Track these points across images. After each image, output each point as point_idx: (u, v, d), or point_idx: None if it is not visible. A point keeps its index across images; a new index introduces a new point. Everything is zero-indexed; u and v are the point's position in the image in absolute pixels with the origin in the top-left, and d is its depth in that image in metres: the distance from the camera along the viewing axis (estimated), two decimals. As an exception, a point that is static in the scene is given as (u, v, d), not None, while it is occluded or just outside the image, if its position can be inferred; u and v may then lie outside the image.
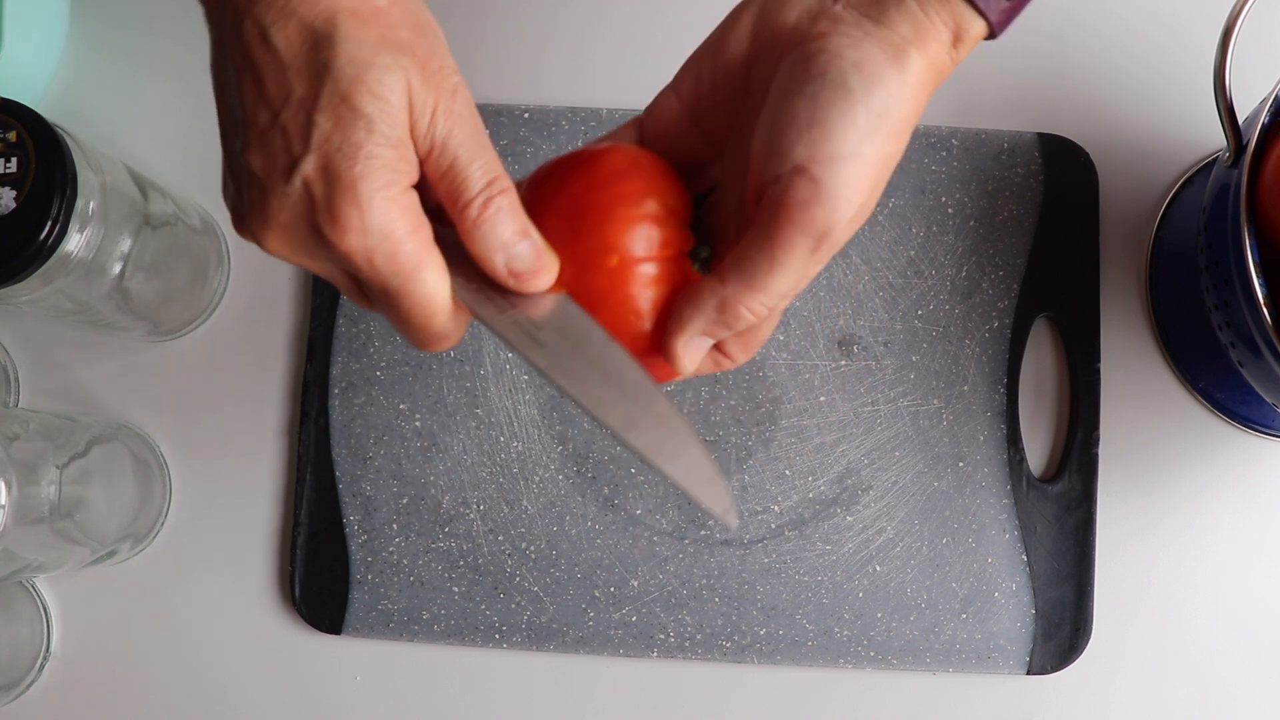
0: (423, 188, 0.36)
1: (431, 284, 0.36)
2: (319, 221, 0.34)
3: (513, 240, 0.36)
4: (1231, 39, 0.48)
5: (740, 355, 0.40)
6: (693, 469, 0.36)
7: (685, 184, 0.40)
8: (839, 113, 0.34)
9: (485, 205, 0.35)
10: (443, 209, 0.36)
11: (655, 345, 0.38)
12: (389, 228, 0.34)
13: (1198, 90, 0.62)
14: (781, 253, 0.35)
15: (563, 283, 0.37)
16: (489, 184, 0.36)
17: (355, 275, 0.36)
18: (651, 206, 0.37)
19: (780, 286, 0.35)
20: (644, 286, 0.37)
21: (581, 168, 0.38)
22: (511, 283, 0.36)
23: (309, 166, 0.34)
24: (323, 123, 0.33)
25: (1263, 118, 0.49)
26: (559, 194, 0.38)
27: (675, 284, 0.38)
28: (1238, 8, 0.49)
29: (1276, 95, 0.49)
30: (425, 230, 0.35)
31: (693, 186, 0.40)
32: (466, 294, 0.37)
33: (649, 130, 0.40)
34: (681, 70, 0.40)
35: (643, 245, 0.37)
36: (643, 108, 0.41)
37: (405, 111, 0.34)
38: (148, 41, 0.65)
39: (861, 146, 0.34)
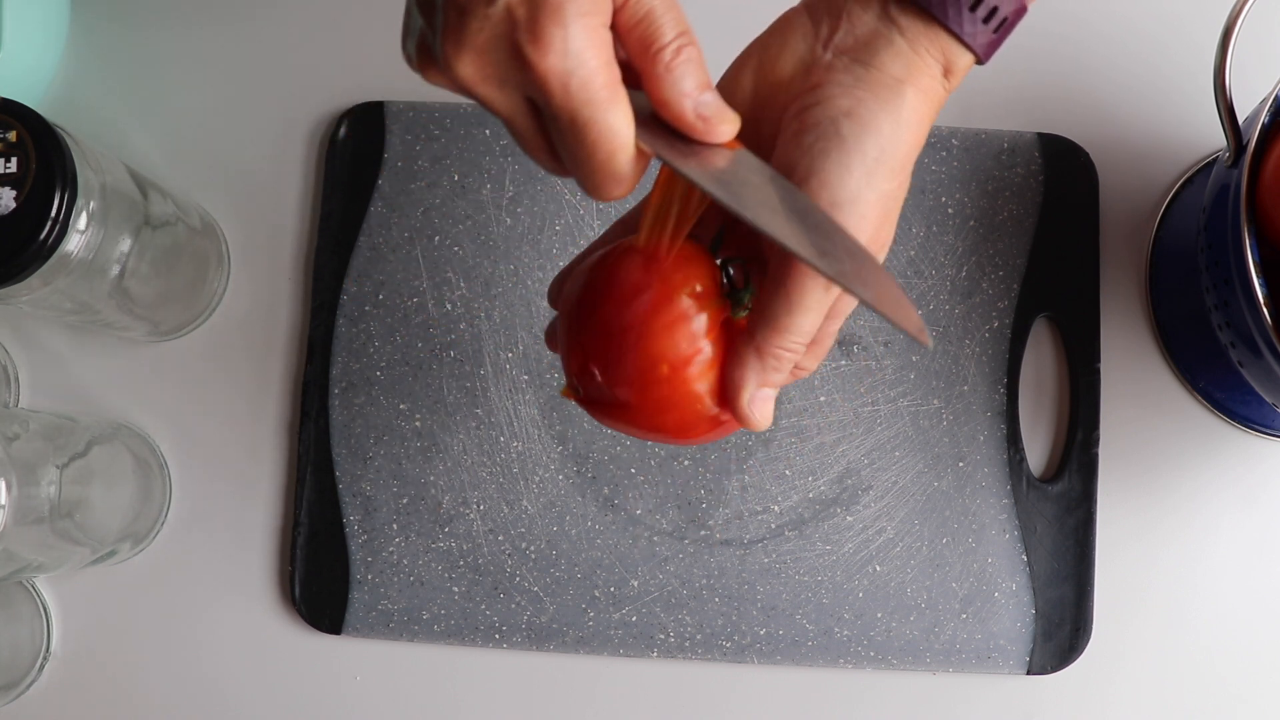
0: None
1: (621, 117, 0.35)
2: (520, 40, 0.34)
3: (700, 88, 0.36)
4: (1231, 39, 0.48)
5: (811, 364, 0.41)
6: (884, 293, 0.36)
7: (709, 223, 0.41)
8: (834, 162, 0.36)
9: (678, 52, 0.36)
10: (628, 68, 0.36)
11: (728, 416, 0.40)
12: (588, 54, 0.34)
13: (1198, 90, 0.62)
14: (797, 295, 0.36)
15: (624, 403, 0.39)
16: (680, 34, 0.36)
17: (545, 104, 0.35)
18: (683, 304, 0.38)
19: (804, 324, 0.37)
20: (699, 378, 0.39)
21: (604, 287, 0.38)
22: (700, 126, 0.36)
23: None
24: None
25: (1263, 118, 0.49)
26: (590, 321, 0.38)
27: (727, 349, 0.39)
28: (1238, 8, 0.49)
29: (1276, 95, 0.49)
30: (617, 68, 0.35)
31: (715, 223, 0.41)
32: (648, 139, 0.36)
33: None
34: None
35: (686, 343, 0.38)
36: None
37: None
38: (148, 41, 0.65)
39: (861, 190, 0.36)
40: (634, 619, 0.59)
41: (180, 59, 0.65)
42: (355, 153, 0.63)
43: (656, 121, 0.37)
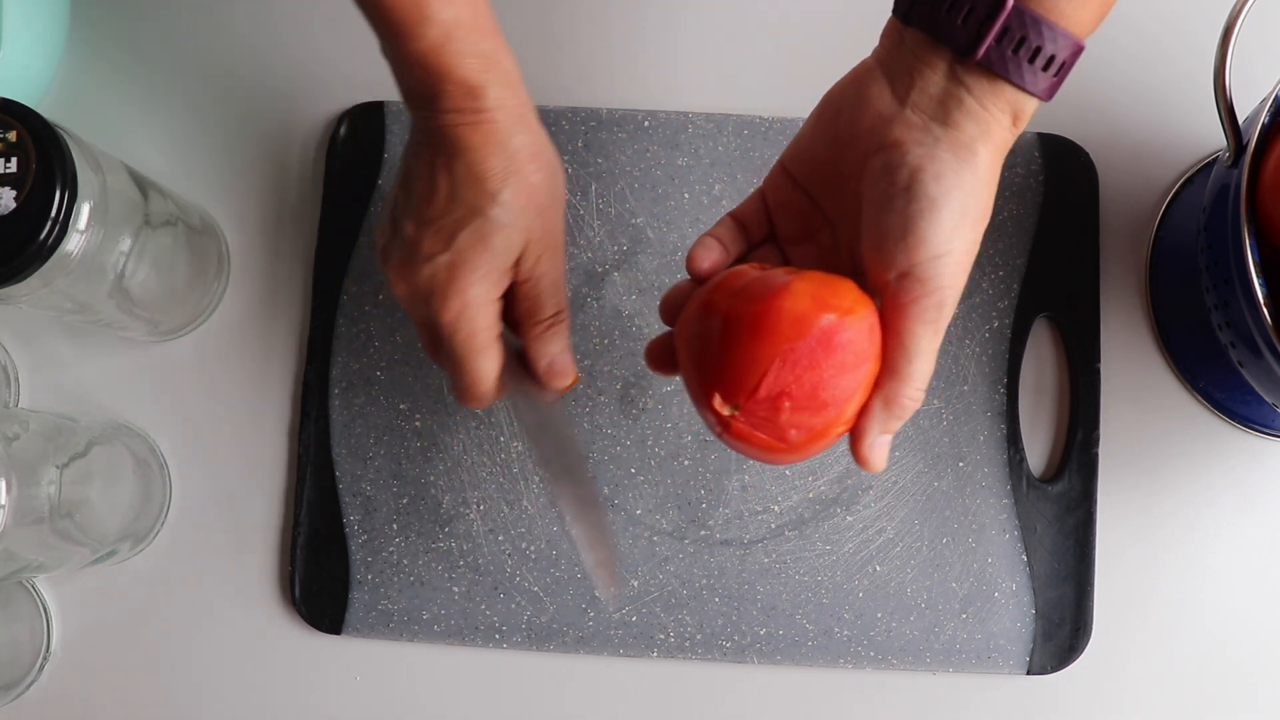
0: (509, 298, 0.50)
1: (488, 364, 0.49)
2: (434, 295, 0.48)
3: (560, 352, 0.51)
4: (1231, 39, 0.48)
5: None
6: (591, 541, 0.52)
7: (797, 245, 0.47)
8: (928, 222, 0.40)
9: (549, 327, 0.50)
10: (520, 319, 0.51)
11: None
12: (475, 320, 0.48)
13: (1198, 90, 0.62)
14: (912, 342, 0.41)
15: (788, 440, 0.42)
16: (555, 315, 0.50)
17: (439, 337, 0.49)
18: (873, 368, 0.42)
19: (923, 369, 0.42)
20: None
21: (830, 346, 0.40)
22: (546, 380, 0.51)
23: (444, 260, 0.47)
24: (465, 238, 0.47)
25: (1263, 118, 0.49)
26: (807, 372, 0.40)
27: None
28: (1238, 8, 0.49)
29: (1276, 95, 0.49)
30: (496, 329, 0.49)
31: (808, 250, 0.47)
32: (508, 378, 0.51)
33: (770, 200, 0.48)
34: (778, 164, 0.48)
35: (862, 396, 0.42)
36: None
37: (519, 251, 0.48)
38: (148, 41, 0.65)
39: (952, 242, 0.40)
40: (634, 619, 0.59)
41: (180, 59, 0.65)
42: (355, 153, 0.63)
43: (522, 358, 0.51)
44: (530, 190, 0.48)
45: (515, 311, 0.50)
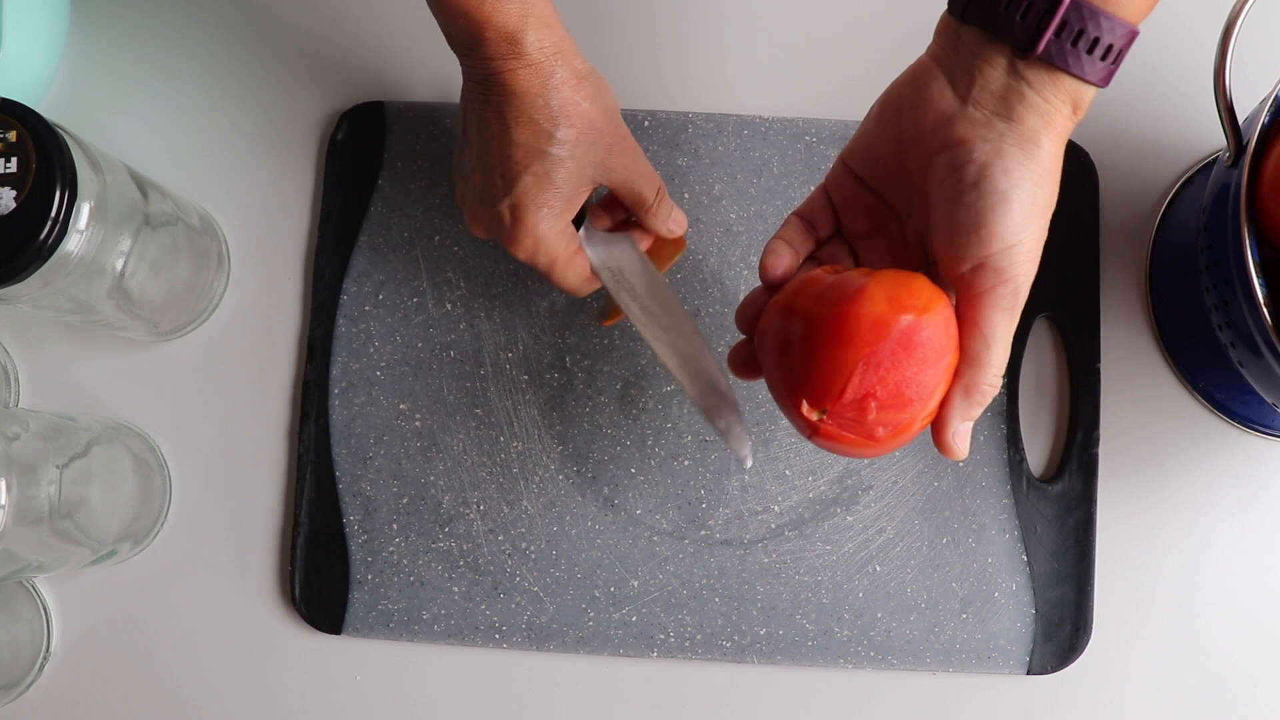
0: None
1: (572, 276, 0.54)
2: (506, 236, 0.53)
3: (669, 214, 0.56)
4: (1231, 39, 0.48)
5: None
6: (715, 411, 0.55)
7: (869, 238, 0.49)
8: (999, 215, 0.41)
9: (658, 206, 0.55)
10: (632, 209, 0.56)
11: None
12: (552, 249, 0.53)
13: (1198, 90, 0.62)
14: (989, 330, 0.42)
15: (880, 440, 0.43)
16: (657, 190, 0.55)
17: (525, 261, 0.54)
18: (953, 360, 0.43)
19: (1000, 356, 0.43)
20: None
21: (913, 342, 0.42)
22: (670, 234, 0.57)
23: (508, 203, 0.52)
24: (528, 180, 0.51)
25: (1263, 118, 0.49)
26: (887, 374, 0.42)
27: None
28: (1238, 8, 0.49)
29: (1276, 95, 0.49)
30: (574, 244, 0.54)
31: (878, 243, 0.48)
32: (605, 263, 0.56)
33: (835, 197, 0.49)
34: (838, 162, 0.49)
35: (945, 389, 0.43)
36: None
37: (589, 177, 0.52)
38: (148, 41, 0.65)
39: (1023, 232, 0.42)
40: (634, 619, 0.59)
41: (180, 59, 0.65)
42: (355, 153, 0.63)
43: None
44: (584, 119, 0.51)
45: (624, 204, 0.56)
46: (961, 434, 0.44)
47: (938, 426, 0.44)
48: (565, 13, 0.52)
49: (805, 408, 0.42)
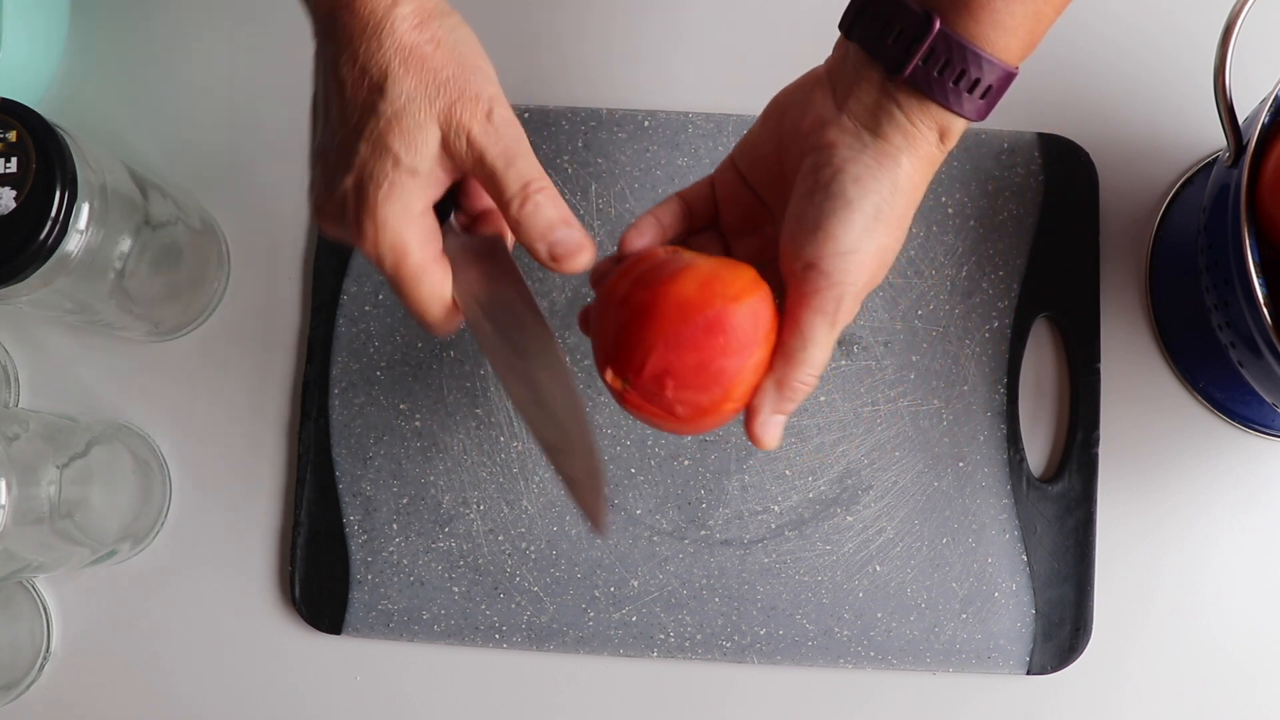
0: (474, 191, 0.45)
1: (427, 288, 0.43)
2: (348, 226, 0.42)
3: (550, 228, 0.43)
4: (1231, 39, 0.48)
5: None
6: (580, 474, 0.45)
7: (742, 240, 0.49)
8: (839, 220, 0.41)
9: (523, 202, 0.42)
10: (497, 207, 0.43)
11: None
12: (399, 242, 0.42)
13: (1198, 90, 0.62)
14: (808, 330, 0.42)
15: (676, 414, 0.43)
16: (525, 185, 0.42)
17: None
18: (761, 352, 0.43)
19: (817, 356, 0.43)
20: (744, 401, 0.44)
21: (716, 327, 0.42)
22: (553, 265, 0.43)
23: (348, 181, 0.41)
24: (363, 150, 0.41)
25: (1263, 118, 0.49)
26: (688, 347, 0.42)
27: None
28: (1238, 7, 0.49)
29: (1276, 95, 0.49)
30: (433, 244, 0.43)
31: (751, 242, 0.49)
32: (481, 292, 0.44)
33: (719, 191, 0.49)
34: (728, 158, 0.49)
35: (751, 378, 0.43)
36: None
37: (436, 144, 0.41)
38: (148, 42, 0.65)
39: (860, 242, 0.42)
40: (634, 619, 0.59)
41: (180, 59, 0.65)
42: (355, 153, 0.63)
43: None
44: (426, 65, 0.41)
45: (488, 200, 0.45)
46: (772, 425, 0.44)
47: (748, 415, 0.44)
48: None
49: (610, 375, 0.43)
